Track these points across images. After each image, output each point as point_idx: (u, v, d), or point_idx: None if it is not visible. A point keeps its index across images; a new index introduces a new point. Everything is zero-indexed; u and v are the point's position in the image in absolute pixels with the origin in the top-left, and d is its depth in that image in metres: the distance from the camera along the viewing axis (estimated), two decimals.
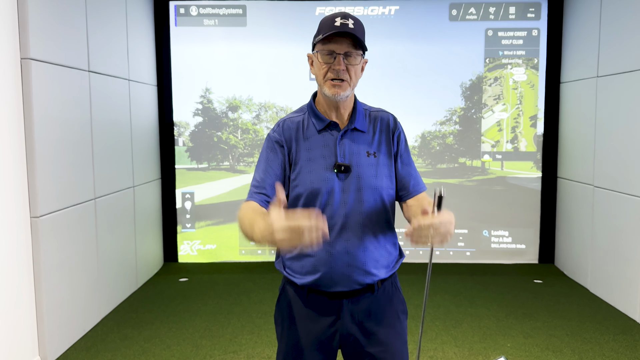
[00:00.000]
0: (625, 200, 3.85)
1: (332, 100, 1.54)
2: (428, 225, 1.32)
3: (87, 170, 3.60)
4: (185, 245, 5.19)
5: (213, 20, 4.98)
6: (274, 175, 1.54)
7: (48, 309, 3.10)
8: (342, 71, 1.48)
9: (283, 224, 1.21)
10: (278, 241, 1.22)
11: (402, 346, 1.61)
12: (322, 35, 1.48)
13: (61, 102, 3.26)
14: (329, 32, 1.46)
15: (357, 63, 1.51)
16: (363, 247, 1.53)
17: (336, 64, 1.48)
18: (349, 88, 1.52)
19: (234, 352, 3.23)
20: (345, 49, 1.48)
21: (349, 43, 1.48)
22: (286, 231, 1.20)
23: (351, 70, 1.50)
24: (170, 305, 4.04)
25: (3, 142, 2.78)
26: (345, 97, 1.52)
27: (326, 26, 1.48)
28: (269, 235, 1.23)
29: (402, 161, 1.62)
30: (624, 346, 3.30)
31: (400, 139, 1.63)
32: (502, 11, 4.90)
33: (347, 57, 1.49)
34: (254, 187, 1.55)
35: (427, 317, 3.78)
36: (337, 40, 1.48)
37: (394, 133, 1.62)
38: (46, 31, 3.09)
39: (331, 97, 1.51)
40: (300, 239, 1.20)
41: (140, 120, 4.57)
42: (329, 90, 1.51)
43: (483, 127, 5.07)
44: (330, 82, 1.50)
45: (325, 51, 1.49)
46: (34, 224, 3.00)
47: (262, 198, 1.52)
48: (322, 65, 1.51)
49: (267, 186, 1.53)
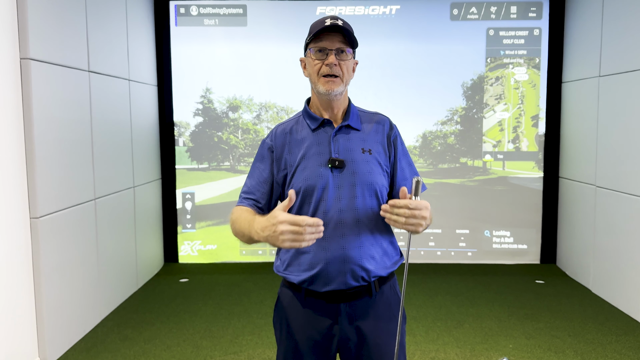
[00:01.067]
0: (627, 200, 3.84)
1: (326, 98, 1.56)
2: (404, 204, 1.39)
3: (87, 170, 3.58)
4: (185, 245, 5.18)
5: (213, 20, 4.96)
6: (263, 181, 1.62)
7: (48, 310, 3.09)
8: (334, 66, 1.52)
9: (287, 216, 1.31)
10: (279, 234, 1.30)
11: (400, 351, 1.61)
12: (313, 33, 1.52)
13: (61, 102, 3.25)
14: (320, 29, 1.50)
15: (349, 59, 1.55)
16: (359, 242, 1.53)
17: (329, 59, 1.52)
18: (342, 84, 1.55)
19: (234, 353, 3.22)
20: (336, 45, 1.52)
21: (340, 39, 1.53)
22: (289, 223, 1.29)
23: (343, 66, 1.54)
24: (170, 305, 4.03)
25: (3, 142, 2.77)
26: (338, 92, 1.55)
27: (317, 26, 1.53)
28: (271, 227, 1.32)
29: (400, 166, 1.64)
30: (627, 347, 3.29)
31: (397, 143, 1.65)
32: (503, 11, 4.88)
33: (338, 54, 1.53)
34: (244, 192, 1.63)
35: (428, 317, 3.76)
36: (328, 37, 1.52)
37: (390, 136, 1.64)
38: (46, 31, 3.08)
39: (325, 93, 1.54)
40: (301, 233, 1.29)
41: (141, 121, 4.56)
42: (322, 87, 1.54)
43: (484, 127, 5.05)
44: (323, 79, 1.53)
45: (317, 48, 1.53)
46: (34, 224, 2.99)
47: (252, 203, 1.60)
48: (314, 63, 1.54)
49: (255, 192, 1.61)
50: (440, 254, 5.13)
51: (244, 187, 1.64)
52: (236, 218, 1.53)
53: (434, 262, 5.12)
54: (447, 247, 5.12)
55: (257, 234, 1.39)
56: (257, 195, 1.60)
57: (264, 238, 1.36)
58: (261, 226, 1.36)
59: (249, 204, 1.59)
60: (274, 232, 1.32)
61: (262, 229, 1.35)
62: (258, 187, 1.61)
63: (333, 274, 1.52)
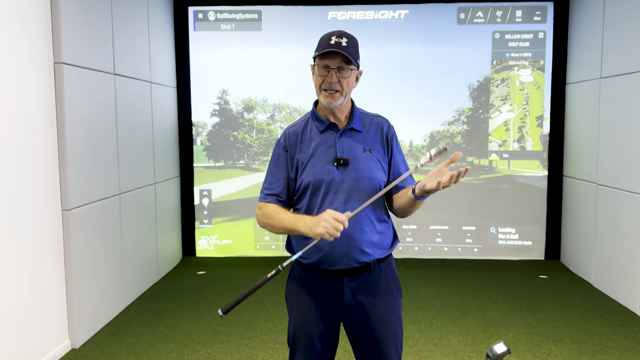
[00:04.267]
0: (627, 198, 3.99)
1: (327, 107, 1.77)
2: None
3: (113, 167, 3.83)
4: (202, 240, 5.42)
5: (230, 25, 5.20)
6: (282, 177, 1.83)
7: (77, 296, 3.33)
8: (334, 83, 1.72)
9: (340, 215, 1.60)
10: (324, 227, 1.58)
11: (397, 320, 1.84)
12: (318, 52, 1.72)
13: (90, 103, 3.49)
14: (324, 49, 1.70)
15: (349, 76, 1.73)
16: (360, 229, 1.76)
17: (329, 77, 1.71)
18: (341, 98, 1.75)
19: (249, 338, 3.44)
20: (337, 64, 1.71)
21: (342, 59, 1.71)
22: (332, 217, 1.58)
23: (343, 82, 1.73)
24: (189, 295, 4.26)
25: (38, 140, 3.02)
26: (338, 104, 1.75)
27: (323, 44, 1.72)
28: (319, 218, 1.61)
29: (395, 161, 1.87)
30: (622, 336, 3.44)
31: (393, 142, 1.87)
32: (509, 14, 5.05)
33: (339, 71, 1.71)
34: (266, 189, 1.86)
35: (433, 308, 3.95)
36: (331, 56, 1.71)
37: (387, 136, 1.85)
38: (77, 37, 3.33)
39: (325, 105, 1.75)
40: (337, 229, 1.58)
41: (161, 121, 4.81)
42: (323, 100, 1.75)
43: (490, 127, 5.22)
44: (324, 93, 1.74)
45: (321, 65, 1.73)
46: (65, 216, 3.24)
47: (275, 199, 1.83)
48: (318, 78, 1.75)
49: (276, 187, 1.83)
50: (447, 250, 5.31)
51: (265, 184, 1.87)
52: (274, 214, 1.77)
53: (441, 257, 5.30)
54: (454, 243, 5.30)
55: (305, 225, 1.66)
56: (278, 191, 1.83)
57: (309, 227, 1.64)
58: (313, 221, 1.64)
59: (272, 200, 1.82)
60: (318, 221, 1.60)
61: (313, 222, 1.63)
62: (278, 183, 1.83)
63: (338, 256, 1.75)
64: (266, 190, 1.85)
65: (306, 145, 1.80)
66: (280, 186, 1.82)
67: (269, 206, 1.80)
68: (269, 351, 3.26)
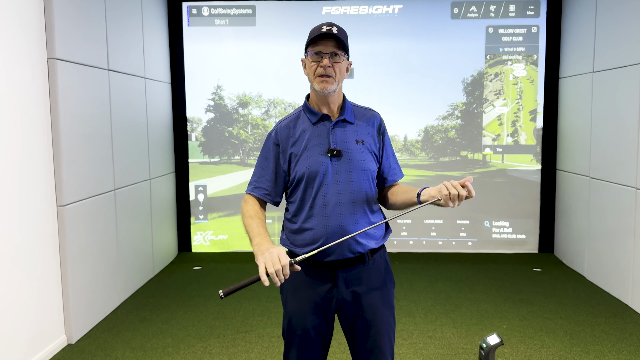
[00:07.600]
0: (619, 191, 4.02)
1: (321, 95, 1.79)
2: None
3: (108, 163, 3.83)
4: (198, 235, 5.43)
5: (224, 20, 5.20)
6: (270, 171, 1.85)
7: (73, 291, 3.34)
8: (328, 68, 1.74)
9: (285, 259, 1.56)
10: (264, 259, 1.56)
11: (390, 310, 1.86)
12: (311, 38, 1.75)
13: (84, 99, 3.49)
14: (317, 35, 1.73)
15: (341, 61, 1.76)
16: (354, 220, 1.78)
17: (323, 62, 1.74)
18: (335, 83, 1.77)
19: (245, 332, 3.46)
20: (330, 49, 1.74)
21: (334, 44, 1.74)
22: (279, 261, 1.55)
23: (336, 68, 1.76)
24: (185, 291, 4.28)
25: (32, 136, 3.02)
26: (332, 90, 1.77)
27: (314, 32, 1.75)
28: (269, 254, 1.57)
29: (386, 155, 1.90)
30: (614, 328, 3.49)
31: (385, 136, 1.90)
32: (502, 9, 5.07)
33: (332, 57, 1.74)
34: (255, 182, 1.88)
35: (428, 301, 3.98)
36: (323, 42, 1.74)
37: (379, 129, 1.89)
38: (70, 32, 3.32)
39: (320, 91, 1.77)
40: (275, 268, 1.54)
41: (156, 116, 4.81)
42: (318, 85, 1.76)
43: (484, 122, 5.24)
44: (319, 78, 1.76)
45: (314, 51, 1.75)
46: (60, 212, 3.24)
47: (261, 192, 1.86)
48: (311, 64, 1.77)
49: (264, 182, 1.86)
50: (441, 244, 5.34)
51: (254, 177, 1.89)
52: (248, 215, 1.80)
53: (435, 251, 5.33)
54: (449, 237, 5.33)
55: (256, 244, 1.66)
56: (265, 184, 1.85)
57: (257, 250, 1.63)
58: (266, 246, 1.62)
59: (259, 193, 1.85)
60: (265, 255, 1.57)
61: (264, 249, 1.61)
62: (267, 177, 1.85)
63: (332, 247, 1.76)
64: (255, 183, 1.88)
65: (299, 137, 1.82)
66: (269, 180, 1.85)
67: (250, 204, 1.84)
68: (265, 345, 3.28)
